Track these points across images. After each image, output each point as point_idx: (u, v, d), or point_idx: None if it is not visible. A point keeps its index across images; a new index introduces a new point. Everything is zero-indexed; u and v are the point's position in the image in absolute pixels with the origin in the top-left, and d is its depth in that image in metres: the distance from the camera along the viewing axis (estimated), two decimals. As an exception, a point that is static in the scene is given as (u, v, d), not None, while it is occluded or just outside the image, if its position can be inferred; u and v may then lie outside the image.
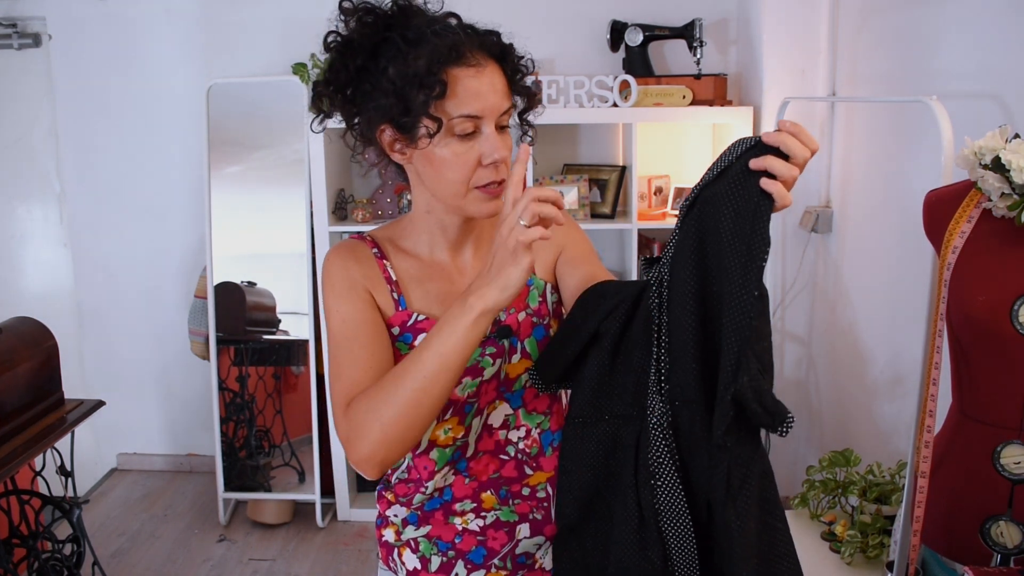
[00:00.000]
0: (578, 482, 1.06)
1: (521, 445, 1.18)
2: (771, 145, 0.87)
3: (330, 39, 1.07)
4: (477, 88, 1.02)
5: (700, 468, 0.94)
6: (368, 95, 1.04)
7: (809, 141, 0.87)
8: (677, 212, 1.02)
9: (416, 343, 1.11)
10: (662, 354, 0.98)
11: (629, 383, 1.01)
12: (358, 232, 1.20)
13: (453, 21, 1.06)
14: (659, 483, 0.96)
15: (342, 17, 1.06)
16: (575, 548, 1.09)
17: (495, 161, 1.04)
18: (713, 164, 0.93)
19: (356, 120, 1.09)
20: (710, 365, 0.92)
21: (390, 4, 1.05)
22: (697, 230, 0.93)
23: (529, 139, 1.17)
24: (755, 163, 0.87)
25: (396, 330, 1.12)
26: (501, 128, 1.06)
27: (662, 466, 0.96)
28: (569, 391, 1.11)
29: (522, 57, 1.09)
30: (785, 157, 0.87)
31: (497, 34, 1.07)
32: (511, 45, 1.08)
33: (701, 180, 0.95)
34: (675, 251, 0.96)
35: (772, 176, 0.86)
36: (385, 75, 1.01)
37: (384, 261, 1.14)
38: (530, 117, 1.15)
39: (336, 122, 1.13)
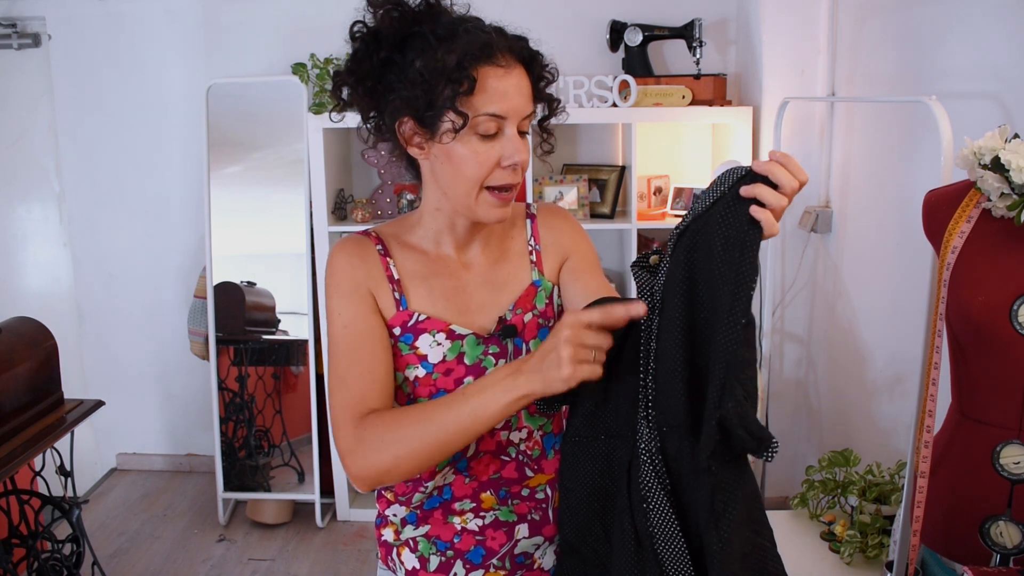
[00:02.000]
0: (576, 500, 1.08)
1: (522, 447, 1.18)
2: (761, 174, 0.88)
3: (356, 28, 1.06)
4: (504, 89, 1.03)
5: (691, 493, 0.95)
6: (391, 87, 1.04)
7: (798, 172, 0.88)
8: (674, 225, 1.02)
9: (417, 343, 1.12)
10: (649, 380, 0.98)
11: (623, 404, 1.03)
12: (363, 229, 1.20)
13: (483, 22, 1.07)
14: (650, 507, 0.97)
15: (369, 9, 1.06)
16: (577, 567, 1.11)
17: (514, 163, 1.04)
18: (704, 193, 0.94)
19: (372, 113, 1.09)
20: (698, 392, 0.93)
21: (419, 1, 1.05)
22: (687, 259, 0.94)
23: (549, 147, 1.17)
24: (745, 190, 0.88)
25: (397, 330, 1.12)
26: (521, 133, 1.06)
27: (651, 491, 0.97)
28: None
29: (547, 65, 1.10)
30: (774, 186, 0.87)
31: (526, 40, 1.08)
32: (538, 52, 1.09)
33: (692, 210, 0.95)
34: (667, 278, 0.97)
35: (761, 204, 0.87)
36: (412, 67, 1.01)
37: (387, 259, 1.14)
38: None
39: (346, 122, 1.12)
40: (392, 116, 1.06)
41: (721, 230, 0.90)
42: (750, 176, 0.89)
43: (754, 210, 0.87)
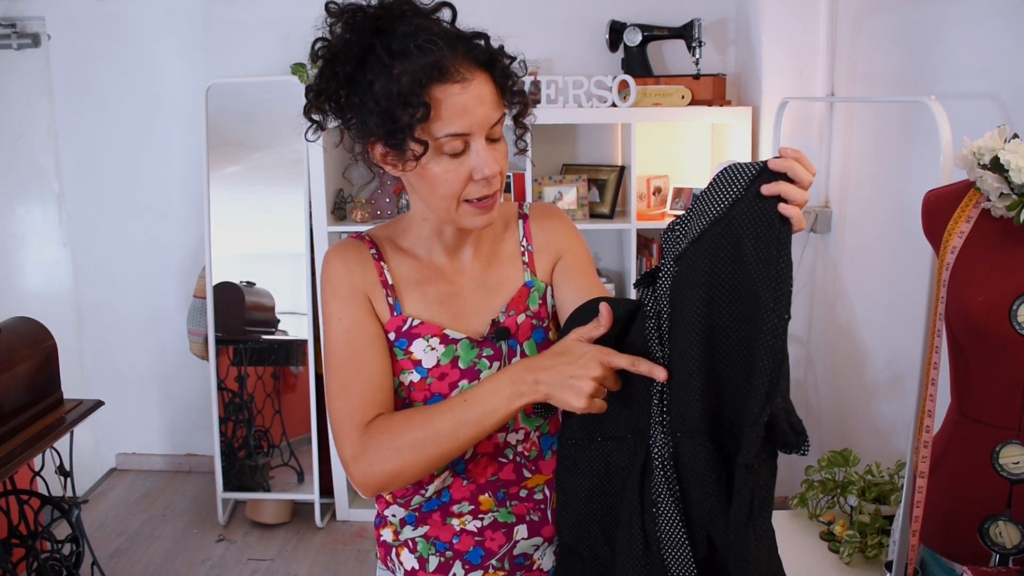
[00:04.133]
0: (574, 502, 1.08)
1: (520, 448, 1.18)
2: (778, 171, 0.89)
3: (318, 47, 1.05)
4: (464, 104, 0.99)
5: (701, 499, 0.95)
6: (356, 108, 1.03)
7: (810, 166, 0.90)
8: (664, 242, 1.02)
9: (411, 348, 1.12)
10: (664, 386, 0.98)
11: (620, 406, 1.02)
12: (357, 232, 1.20)
13: (447, 13, 1.04)
14: (659, 511, 0.97)
15: (328, 20, 1.04)
16: (577, 569, 1.11)
17: (486, 176, 1.03)
18: (708, 195, 0.94)
19: (352, 122, 1.08)
20: (714, 394, 0.94)
21: (377, 2, 1.02)
22: (709, 263, 0.93)
23: (524, 144, 1.16)
24: (767, 189, 0.89)
25: (391, 335, 1.12)
26: (493, 140, 1.04)
27: (661, 496, 0.97)
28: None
29: (513, 59, 1.06)
30: (791, 182, 0.89)
31: (485, 37, 1.04)
32: (500, 49, 1.04)
33: (696, 212, 0.95)
34: (675, 284, 0.96)
35: (785, 201, 0.88)
36: (371, 91, 0.99)
37: (381, 263, 1.14)
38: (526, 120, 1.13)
39: (336, 124, 1.12)
40: (361, 139, 1.05)
41: (750, 230, 0.90)
42: (766, 174, 0.90)
43: (783, 207, 0.88)
